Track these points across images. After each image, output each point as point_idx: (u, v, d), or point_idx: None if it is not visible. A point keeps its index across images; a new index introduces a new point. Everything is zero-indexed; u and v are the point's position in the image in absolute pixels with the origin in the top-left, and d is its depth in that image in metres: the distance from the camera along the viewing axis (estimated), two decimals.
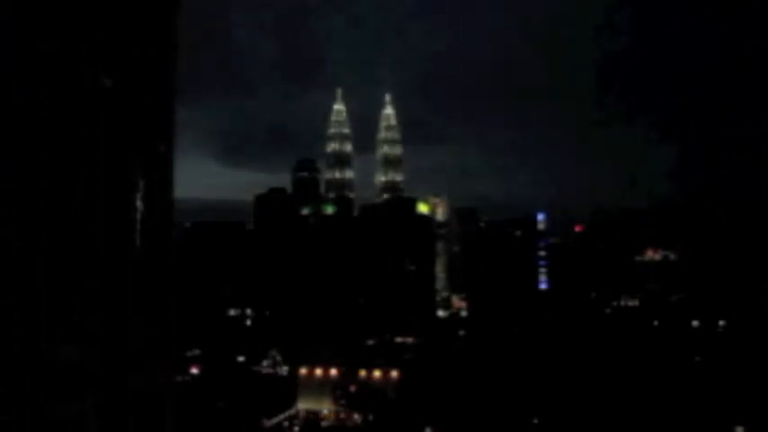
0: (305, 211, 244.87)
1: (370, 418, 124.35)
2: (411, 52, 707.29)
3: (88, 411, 41.96)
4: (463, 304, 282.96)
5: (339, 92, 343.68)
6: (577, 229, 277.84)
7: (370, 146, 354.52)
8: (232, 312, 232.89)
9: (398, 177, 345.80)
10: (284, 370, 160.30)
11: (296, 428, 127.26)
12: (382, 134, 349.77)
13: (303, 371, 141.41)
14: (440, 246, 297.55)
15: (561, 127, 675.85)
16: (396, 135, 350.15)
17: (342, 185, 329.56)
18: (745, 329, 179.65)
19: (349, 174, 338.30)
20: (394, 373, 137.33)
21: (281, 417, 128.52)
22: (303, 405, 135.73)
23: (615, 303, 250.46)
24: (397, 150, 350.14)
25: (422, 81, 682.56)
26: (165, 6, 51.46)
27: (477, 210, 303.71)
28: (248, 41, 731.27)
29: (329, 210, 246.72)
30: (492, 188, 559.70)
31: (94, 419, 42.33)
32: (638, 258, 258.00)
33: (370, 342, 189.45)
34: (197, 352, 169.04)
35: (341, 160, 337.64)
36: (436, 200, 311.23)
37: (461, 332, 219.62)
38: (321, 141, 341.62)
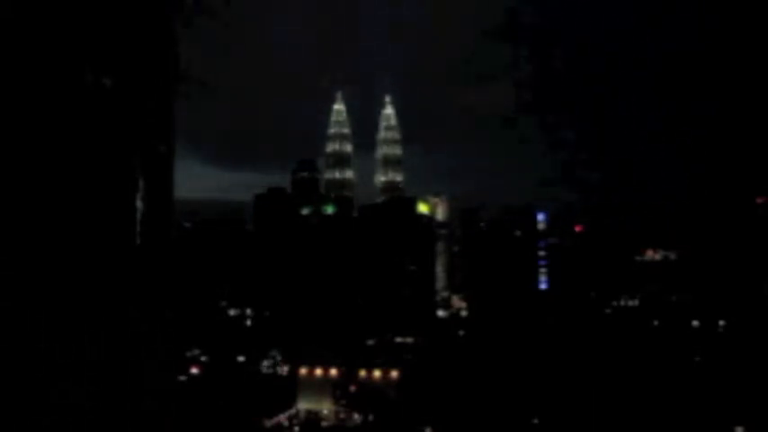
0: (305, 211, 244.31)
1: (370, 418, 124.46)
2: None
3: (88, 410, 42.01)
4: (463, 304, 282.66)
5: (339, 92, 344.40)
6: (577, 229, 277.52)
7: (371, 146, 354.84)
8: (232, 312, 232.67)
9: (398, 177, 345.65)
10: (284, 370, 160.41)
11: (296, 428, 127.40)
12: (382, 134, 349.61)
13: (303, 371, 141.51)
14: (440, 246, 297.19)
15: None
16: (396, 135, 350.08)
17: (342, 185, 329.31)
18: (745, 329, 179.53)
19: (349, 174, 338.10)
20: (394, 373, 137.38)
21: (281, 417, 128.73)
22: (303, 405, 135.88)
23: (615, 303, 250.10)
24: (397, 150, 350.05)
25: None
26: (165, 7, 51.53)
27: (477, 210, 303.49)
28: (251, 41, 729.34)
29: (329, 210, 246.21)
30: (492, 188, 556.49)
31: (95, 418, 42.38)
32: (638, 258, 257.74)
33: (370, 342, 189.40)
34: (197, 352, 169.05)
35: (341, 160, 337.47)
36: (436, 200, 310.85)
37: (461, 332, 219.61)
38: (321, 141, 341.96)
